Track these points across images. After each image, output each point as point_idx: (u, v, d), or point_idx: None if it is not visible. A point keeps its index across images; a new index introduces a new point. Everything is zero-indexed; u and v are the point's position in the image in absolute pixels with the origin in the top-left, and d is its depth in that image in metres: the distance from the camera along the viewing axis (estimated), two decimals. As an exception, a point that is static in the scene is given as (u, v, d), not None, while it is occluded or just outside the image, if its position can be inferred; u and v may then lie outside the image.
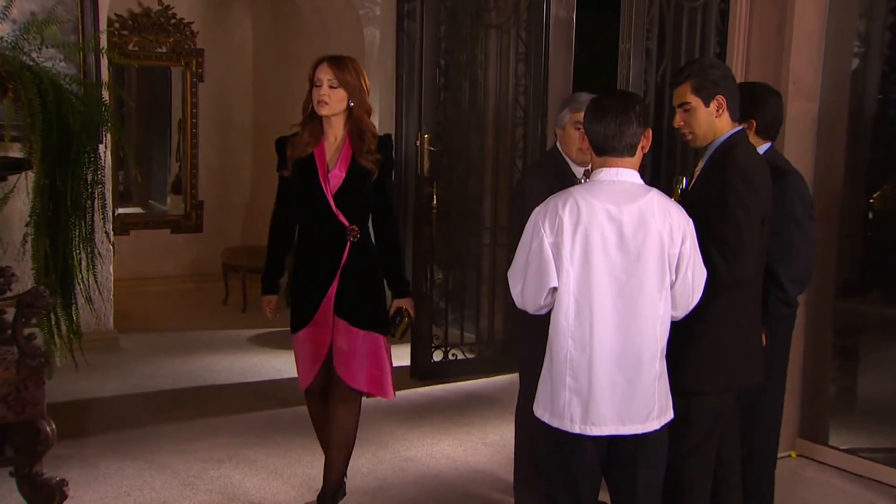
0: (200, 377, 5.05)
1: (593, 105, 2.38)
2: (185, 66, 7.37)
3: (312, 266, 3.18)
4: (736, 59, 3.88)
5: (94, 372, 4.87)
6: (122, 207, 7.90)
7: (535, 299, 2.36)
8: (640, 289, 2.30)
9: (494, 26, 5.22)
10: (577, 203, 2.29)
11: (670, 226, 2.32)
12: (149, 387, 4.82)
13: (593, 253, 2.28)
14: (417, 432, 4.29)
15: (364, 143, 3.11)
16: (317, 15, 6.69)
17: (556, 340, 2.35)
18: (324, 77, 3.08)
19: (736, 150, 2.59)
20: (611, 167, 2.34)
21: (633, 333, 2.30)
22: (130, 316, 6.26)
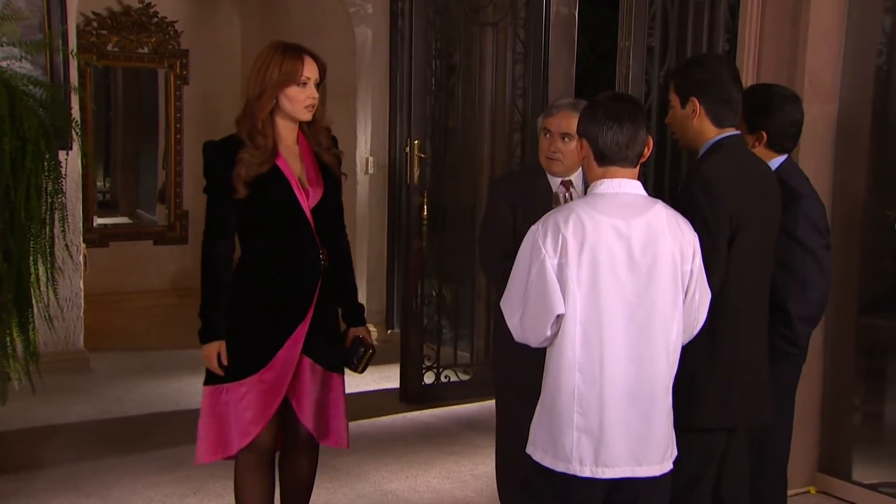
0: (173, 401, 4.90)
1: (604, 109, 2.21)
2: (168, 68, 7.27)
3: (276, 300, 2.72)
4: (746, 58, 3.72)
5: (57, 395, 4.77)
6: (105, 217, 7.83)
7: (540, 330, 2.18)
8: (653, 313, 2.17)
9: (490, 24, 5.09)
10: (580, 219, 2.14)
11: (681, 241, 2.20)
12: (116, 412, 4.68)
13: (601, 274, 2.13)
14: (402, 462, 4.13)
15: (323, 139, 2.81)
16: (307, 13, 6.59)
17: (560, 374, 2.18)
18: (312, 75, 2.70)
19: (708, 157, 2.46)
20: (613, 178, 2.20)
21: (647, 363, 2.17)
22: (106, 333, 6.14)
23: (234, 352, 2.72)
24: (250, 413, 2.71)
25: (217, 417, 2.74)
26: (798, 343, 2.75)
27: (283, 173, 2.69)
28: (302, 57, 2.69)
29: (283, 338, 2.71)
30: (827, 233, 2.81)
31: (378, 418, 4.71)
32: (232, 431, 2.73)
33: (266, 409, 2.72)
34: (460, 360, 5.22)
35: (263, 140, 2.65)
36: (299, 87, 2.67)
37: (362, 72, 6.19)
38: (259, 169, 2.64)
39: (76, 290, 5.29)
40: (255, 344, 2.71)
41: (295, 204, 2.70)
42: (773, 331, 2.63)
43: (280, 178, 2.69)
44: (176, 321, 6.74)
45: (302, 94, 2.68)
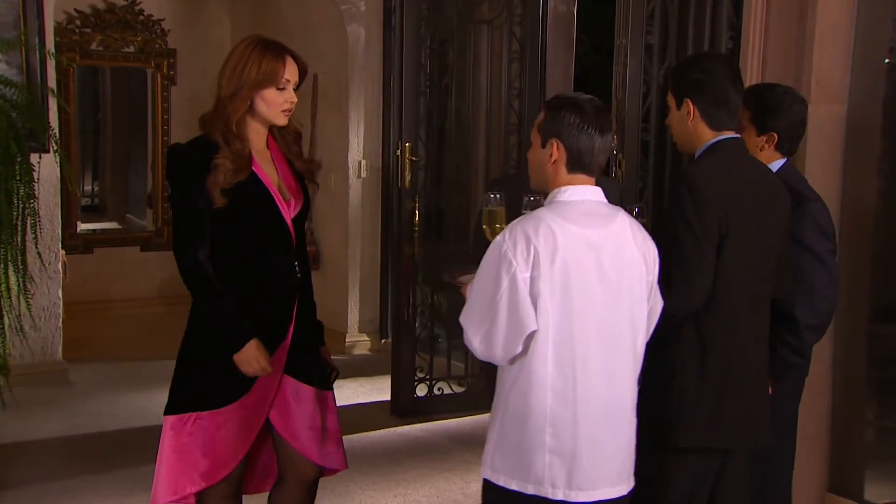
0: (154, 415, 4.76)
1: (588, 115, 2.13)
2: (155, 68, 7.20)
3: (254, 319, 2.50)
4: (751, 57, 3.61)
5: (32, 410, 4.68)
6: (92, 222, 7.76)
7: (509, 348, 2.07)
8: (622, 326, 2.12)
9: (485, 22, 5.00)
10: (550, 229, 2.05)
11: (644, 250, 2.16)
12: (92, 427, 4.59)
13: (573, 287, 2.06)
14: (391, 480, 4.04)
15: (293, 145, 2.63)
16: (298, 11, 6.53)
17: (530, 393, 2.09)
18: (292, 78, 2.52)
19: (699, 160, 2.39)
20: (578, 185, 2.14)
21: (618, 379, 2.13)
22: (88, 343, 6.06)
23: (210, 377, 2.52)
24: (230, 443, 2.52)
25: (180, 451, 2.52)
26: (805, 353, 2.66)
27: (261, 181, 2.51)
28: (283, 57, 2.50)
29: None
30: (833, 237, 2.73)
31: (367, 433, 4.62)
32: (197, 466, 2.51)
33: (246, 438, 2.54)
34: (454, 372, 5.12)
35: (240, 145, 2.46)
36: (278, 91, 2.49)
37: (355, 71, 6.10)
38: (236, 176, 2.44)
39: (54, 298, 5.19)
40: (234, 367, 2.47)
41: (276, 214, 2.52)
42: (779, 340, 2.56)
43: (259, 186, 2.50)
44: (162, 330, 6.62)
45: (280, 98, 2.50)
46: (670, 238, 2.31)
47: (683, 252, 2.27)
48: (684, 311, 2.31)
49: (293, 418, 2.59)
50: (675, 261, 2.28)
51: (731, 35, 3.73)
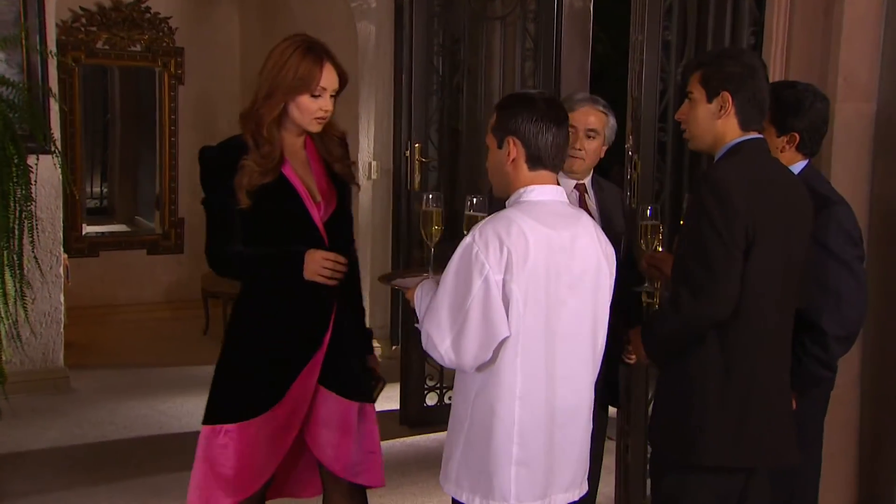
0: (157, 424, 4.76)
1: (542, 109, 2.11)
2: (162, 67, 7.16)
3: (288, 327, 2.51)
4: (774, 53, 3.52)
5: (31, 418, 4.65)
6: (100, 225, 7.75)
7: (480, 355, 2.02)
8: (585, 329, 2.14)
9: (498, 18, 4.93)
10: (521, 229, 2.02)
11: (606, 251, 2.18)
12: (93, 436, 4.54)
13: (544, 291, 2.03)
14: (398, 493, 3.97)
15: (335, 149, 2.58)
16: (307, 8, 6.48)
17: (497, 402, 2.06)
18: (330, 86, 2.46)
19: (723, 161, 2.30)
20: (543, 184, 2.12)
21: (578, 382, 2.15)
22: (91, 349, 6.03)
23: (242, 388, 2.50)
24: (260, 456, 2.49)
25: (211, 462, 2.49)
26: (832, 366, 2.57)
27: (290, 183, 2.48)
28: (322, 63, 2.44)
29: (297, 369, 2.49)
30: (860, 242, 2.63)
31: (375, 444, 4.54)
32: (228, 479, 2.47)
33: (278, 450, 2.51)
34: (466, 381, 5.04)
35: (269, 148, 2.44)
36: (312, 98, 2.44)
37: (365, 70, 6.04)
38: (262, 179, 2.43)
39: (56, 303, 5.16)
40: (266, 378, 2.48)
41: (305, 216, 2.48)
42: (805, 352, 2.47)
43: (287, 187, 2.47)
44: (168, 335, 6.63)
45: (314, 105, 2.45)
46: (695, 244, 2.23)
47: (710, 258, 2.19)
48: (709, 321, 2.22)
49: (321, 431, 2.54)
50: (701, 267, 2.20)
51: (754, 30, 3.62)
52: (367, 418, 2.60)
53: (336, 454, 2.55)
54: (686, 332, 2.25)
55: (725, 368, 2.24)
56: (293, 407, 2.50)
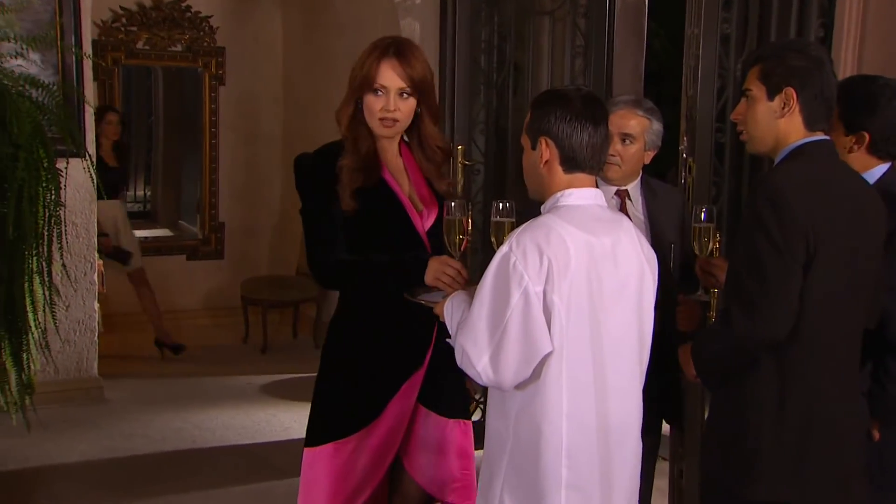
0: (189, 437, 4.72)
1: (578, 107, 2.02)
2: (203, 67, 7.17)
3: (388, 342, 2.49)
4: (846, 47, 3.36)
5: (63, 430, 4.65)
6: (144, 230, 7.79)
7: (521, 372, 1.95)
8: (631, 341, 2.07)
9: (547, 13, 4.81)
10: (561, 237, 1.95)
11: (650, 258, 2.11)
12: (124, 450, 4.51)
13: (588, 301, 1.96)
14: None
15: (434, 164, 2.54)
16: (350, 5, 6.44)
17: (544, 422, 1.98)
18: (391, 84, 2.41)
19: (784, 164, 2.16)
20: (581, 187, 2.04)
21: (627, 399, 2.07)
22: (127, 358, 6.04)
23: (339, 408, 2.50)
24: (357, 476, 2.48)
25: (309, 484, 2.49)
26: None
27: (391, 188, 2.47)
28: (381, 59, 2.41)
29: (396, 386, 2.48)
30: None
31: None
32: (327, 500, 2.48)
33: (376, 471, 2.50)
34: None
35: (355, 146, 2.45)
36: (375, 96, 2.42)
37: (409, 69, 5.96)
38: (361, 178, 2.42)
39: (89, 311, 5.16)
40: (363, 396, 2.48)
41: (408, 224, 2.46)
42: (888, 377, 2.32)
43: (388, 193, 2.46)
44: (206, 344, 6.62)
45: (376, 105, 2.42)
46: (749, 256, 2.09)
47: (765, 273, 2.05)
48: (763, 342, 2.09)
49: (420, 453, 2.54)
50: (756, 282, 2.06)
51: (822, 22, 3.47)
52: (465, 436, 2.58)
53: (434, 475, 2.54)
54: (737, 354, 2.12)
55: (781, 395, 2.10)
56: (391, 426, 2.49)
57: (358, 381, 2.49)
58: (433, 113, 2.50)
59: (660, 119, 2.81)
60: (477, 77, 4.69)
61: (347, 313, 2.55)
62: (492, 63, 4.91)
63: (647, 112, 2.79)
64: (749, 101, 2.24)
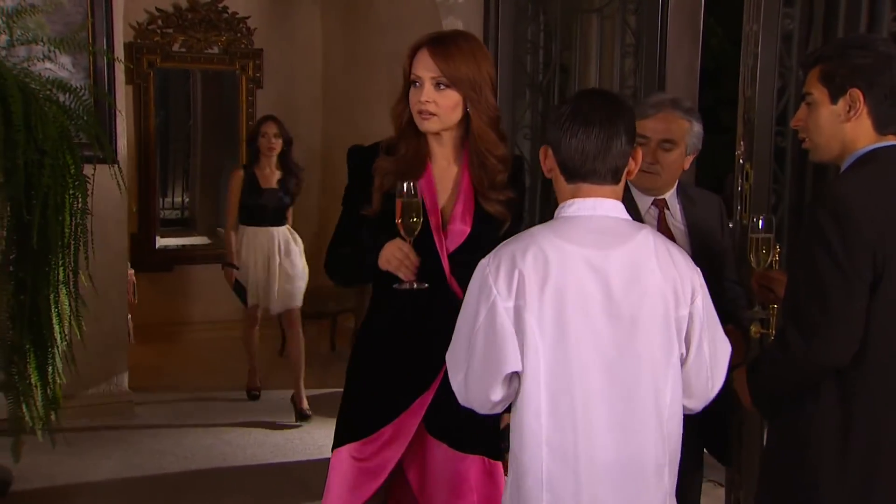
0: (219, 455, 4.68)
1: (568, 110, 1.94)
2: (240, 70, 7.18)
3: (395, 359, 2.41)
4: (919, 43, 3.18)
5: (91, 446, 4.64)
6: (181, 237, 7.83)
7: (484, 392, 1.90)
8: (638, 369, 1.89)
9: (595, 11, 4.71)
10: (542, 249, 1.86)
11: (674, 277, 1.90)
12: (152, 468, 4.48)
13: (570, 320, 1.85)
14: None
15: (487, 175, 2.35)
16: (390, 5, 6.39)
17: (523, 450, 1.90)
18: (425, 73, 2.30)
19: (849, 173, 2.04)
20: (586, 197, 1.92)
21: (633, 435, 1.90)
22: (160, 371, 6.04)
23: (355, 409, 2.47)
24: (340, 489, 2.41)
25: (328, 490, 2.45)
26: None
27: (422, 201, 2.32)
28: (418, 49, 2.33)
29: (397, 410, 2.38)
30: None
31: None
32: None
33: (355, 491, 2.39)
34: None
35: (403, 148, 2.38)
36: (414, 88, 2.33)
37: (451, 71, 5.89)
38: (393, 182, 2.32)
39: (120, 322, 5.15)
40: (362, 408, 2.43)
41: (427, 244, 2.33)
42: None
43: None
44: (240, 355, 6.57)
45: (414, 97, 2.33)
46: (808, 274, 1.98)
47: (826, 292, 1.94)
48: (823, 367, 1.97)
49: (431, 482, 2.42)
50: (816, 302, 1.95)
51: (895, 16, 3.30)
52: (490, 478, 2.38)
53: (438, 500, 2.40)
54: (795, 379, 2.00)
55: (844, 425, 1.99)
56: (383, 450, 2.39)
57: (360, 391, 2.46)
58: (485, 114, 2.35)
59: (699, 119, 2.65)
60: (521, 78, 4.60)
61: (373, 313, 2.51)
62: (537, 64, 4.82)
63: (687, 113, 2.63)
64: (810, 105, 2.12)
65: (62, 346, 3.97)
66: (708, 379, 1.96)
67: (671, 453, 1.93)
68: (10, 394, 3.85)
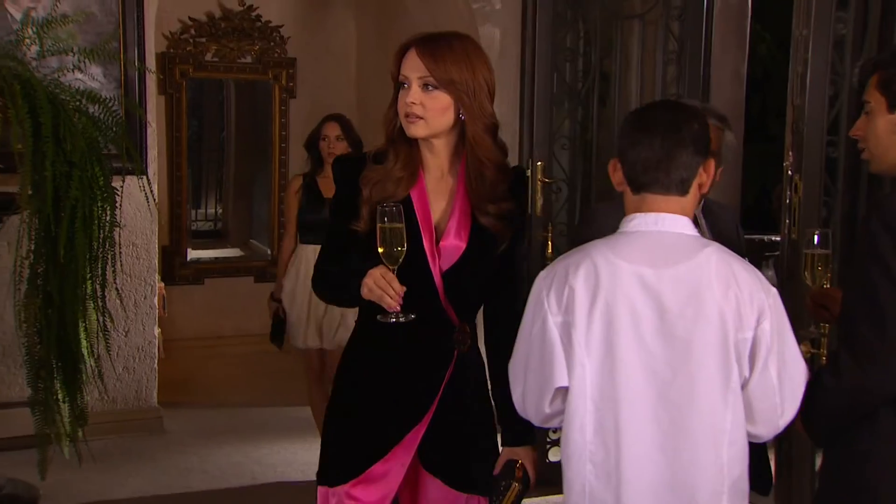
0: (249, 473, 4.66)
1: (632, 120, 1.97)
2: (273, 79, 7.20)
3: (391, 385, 2.28)
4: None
5: (118, 463, 4.64)
6: (213, 249, 7.86)
7: (538, 404, 1.98)
8: (693, 391, 1.87)
9: (636, 16, 4.65)
10: (594, 265, 1.89)
11: (737, 298, 1.86)
12: (179, 486, 4.46)
13: (620, 338, 1.87)
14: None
15: (485, 186, 2.22)
16: (425, 12, 6.37)
17: (568, 465, 1.94)
18: (412, 74, 2.18)
19: None
20: (650, 211, 1.93)
21: (684, 458, 1.88)
22: (190, 386, 6.05)
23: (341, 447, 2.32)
24: None
25: None
26: None
27: (413, 213, 2.21)
28: (406, 50, 2.22)
29: (388, 445, 2.26)
30: None
31: (491, 506, 4.30)
32: None
33: None
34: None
35: (393, 157, 2.24)
36: (403, 90, 2.20)
37: (488, 80, 5.85)
38: (389, 192, 2.20)
39: (149, 336, 5.16)
40: (351, 444, 2.29)
41: (419, 261, 2.20)
42: None
43: (408, 218, 2.18)
44: (272, 370, 6.58)
45: (401, 100, 2.20)
46: (863, 294, 1.91)
47: (882, 315, 1.87)
48: (879, 394, 1.89)
49: None
50: (871, 325, 1.89)
51: (955, 21, 3.21)
52: None
53: None
54: (849, 408, 1.92)
55: None
56: (376, 489, 2.28)
57: (348, 425, 2.32)
58: (481, 121, 2.20)
59: (731, 128, 2.62)
60: (560, 87, 4.55)
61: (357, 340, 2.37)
62: (576, 71, 4.77)
63: (719, 121, 2.56)
64: (868, 114, 2.08)
65: (90, 362, 3.98)
66: (776, 406, 1.92)
67: (732, 481, 1.90)
68: (37, 410, 3.86)
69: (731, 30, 4.57)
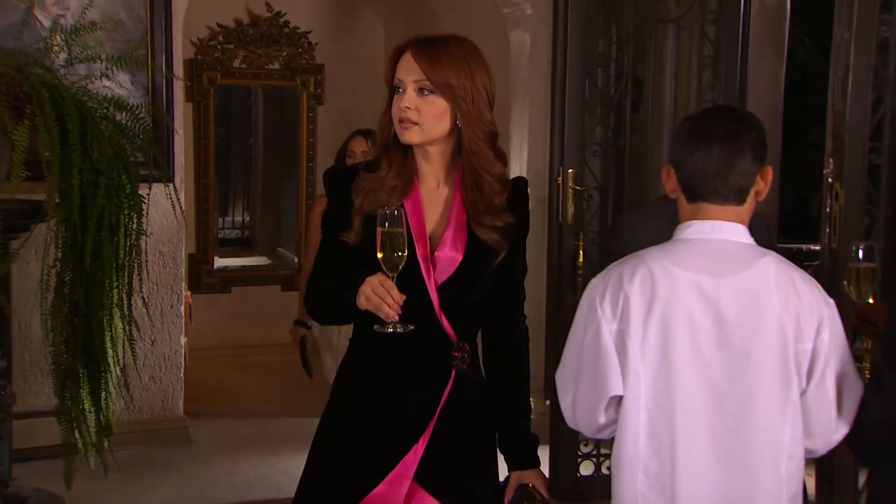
0: (275, 485, 4.65)
1: (689, 127, 1.93)
2: (301, 86, 7.21)
3: (386, 406, 2.20)
4: None
5: (144, 473, 4.64)
6: (240, 257, 7.89)
7: (591, 414, 1.96)
8: (751, 402, 1.86)
9: (671, 20, 4.61)
10: (650, 272, 1.87)
11: (796, 308, 1.86)
12: (205, 498, 4.46)
13: (676, 347, 1.86)
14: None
15: (483, 197, 2.15)
16: (454, 17, 6.38)
17: (620, 475, 1.94)
18: (407, 77, 2.12)
19: None
20: (706, 219, 1.92)
21: (742, 473, 1.87)
22: (218, 396, 6.05)
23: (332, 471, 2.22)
24: None
25: None
26: None
27: (406, 222, 2.11)
28: (402, 52, 2.17)
29: (384, 469, 2.16)
30: None
31: (520, 520, 4.26)
32: None
33: None
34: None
35: (386, 165, 2.16)
36: (398, 95, 2.14)
37: (518, 85, 5.81)
38: (376, 200, 2.11)
39: (175, 346, 5.17)
40: (345, 469, 2.20)
41: (413, 274, 2.11)
42: None
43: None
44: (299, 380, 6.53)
45: (395, 105, 2.13)
46: None
47: None
48: None
49: None
50: None
51: None
52: None
53: None
54: (893, 422, 1.88)
55: None
56: None
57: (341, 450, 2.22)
58: (478, 128, 2.13)
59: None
60: (592, 93, 4.52)
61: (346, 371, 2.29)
62: (609, 77, 4.73)
63: None
64: None
65: (116, 371, 3.98)
66: (831, 419, 1.91)
67: (791, 496, 1.89)
68: (63, 420, 3.86)
69: (768, 33, 4.52)
